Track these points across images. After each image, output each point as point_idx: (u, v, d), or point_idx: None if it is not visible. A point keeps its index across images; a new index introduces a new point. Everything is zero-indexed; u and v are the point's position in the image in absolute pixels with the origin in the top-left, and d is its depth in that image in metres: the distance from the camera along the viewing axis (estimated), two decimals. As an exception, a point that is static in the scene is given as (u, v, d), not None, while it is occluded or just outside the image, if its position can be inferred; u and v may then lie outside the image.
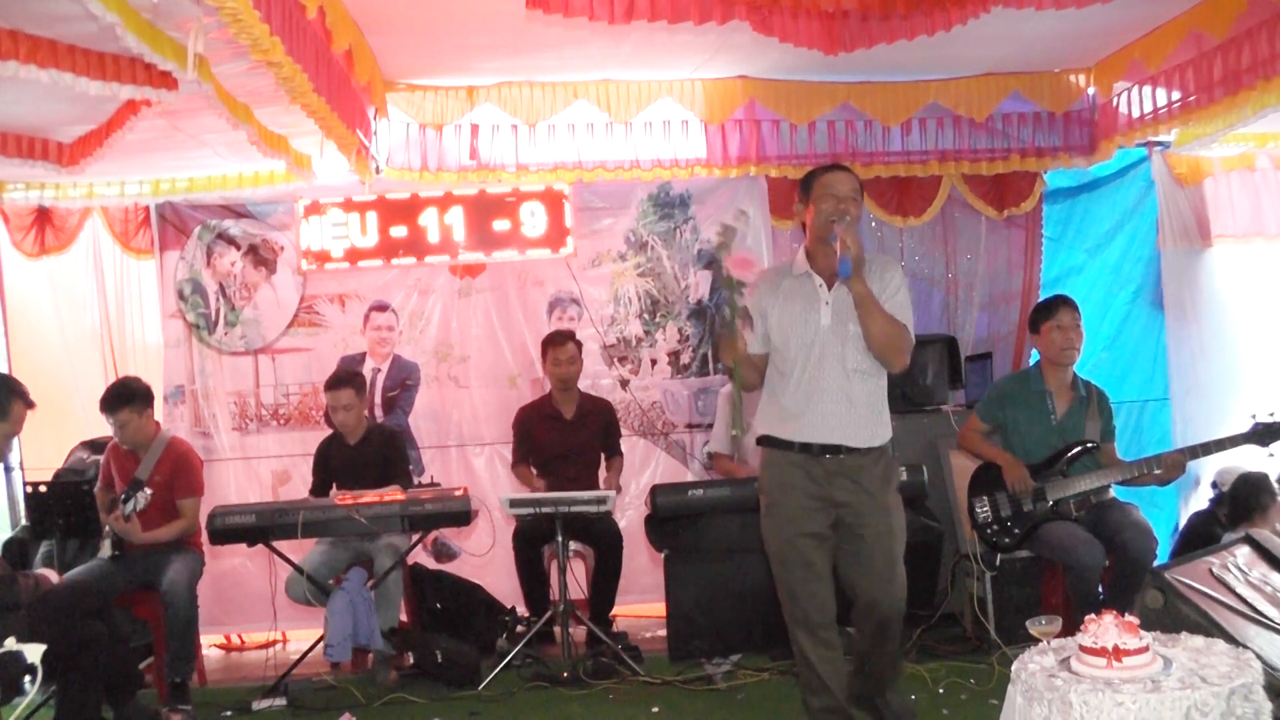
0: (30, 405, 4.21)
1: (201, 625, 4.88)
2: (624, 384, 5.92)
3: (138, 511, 4.65)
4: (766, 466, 3.44)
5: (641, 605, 5.76)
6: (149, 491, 4.68)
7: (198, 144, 4.86)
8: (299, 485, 5.44)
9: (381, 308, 5.89)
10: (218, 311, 5.81)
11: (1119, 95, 5.54)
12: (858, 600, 3.39)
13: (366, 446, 5.17)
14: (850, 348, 3.31)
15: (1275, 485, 4.74)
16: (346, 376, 5.23)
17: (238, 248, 5.81)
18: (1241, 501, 4.70)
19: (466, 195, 5.77)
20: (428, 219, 5.79)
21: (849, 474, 3.31)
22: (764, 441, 3.43)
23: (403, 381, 5.88)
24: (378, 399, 5.82)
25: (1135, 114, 5.46)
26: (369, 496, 4.75)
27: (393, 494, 4.81)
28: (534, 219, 5.81)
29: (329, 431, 5.38)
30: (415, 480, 5.46)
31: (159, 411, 5.25)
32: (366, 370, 5.76)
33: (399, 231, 5.78)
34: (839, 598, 3.40)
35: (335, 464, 5.19)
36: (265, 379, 5.82)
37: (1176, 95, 5.14)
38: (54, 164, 4.71)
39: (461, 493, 4.80)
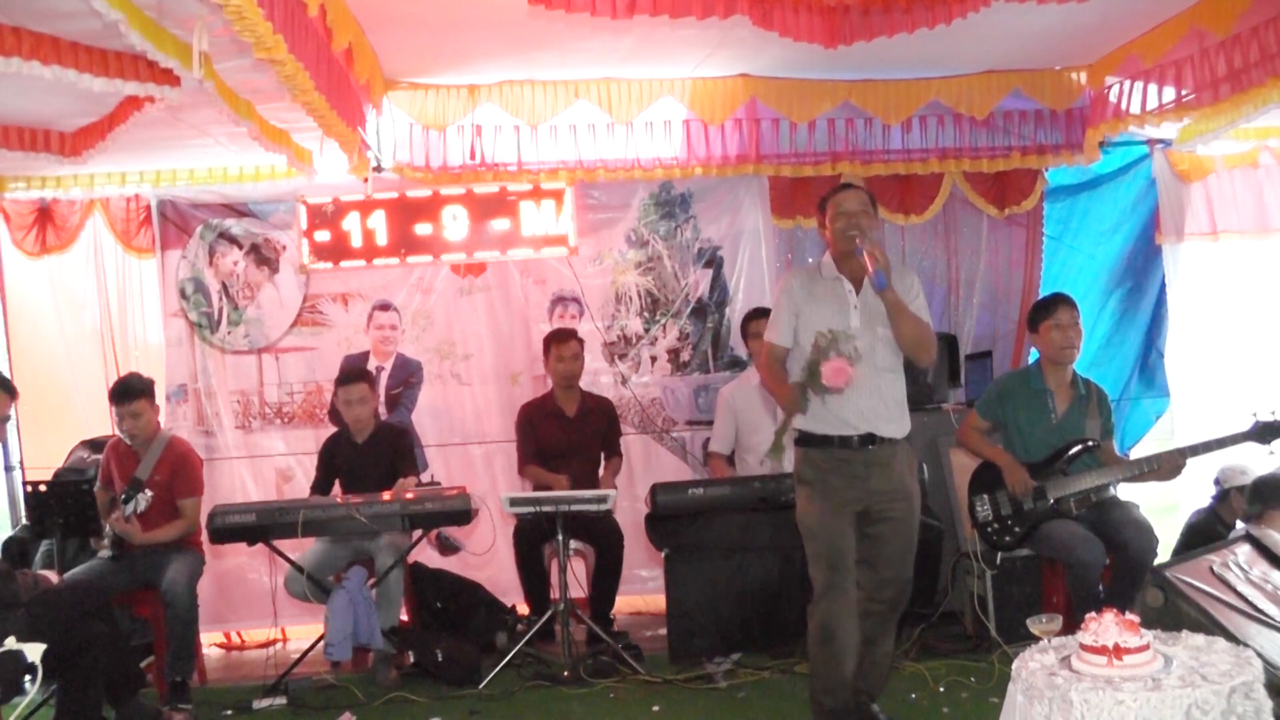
0: (14, 395, 4.30)
1: (203, 621, 4.88)
2: (623, 381, 5.93)
3: (138, 513, 4.64)
4: (806, 461, 3.64)
5: (636, 598, 5.83)
6: (150, 494, 4.68)
7: (199, 134, 4.86)
8: (303, 483, 5.45)
9: (384, 307, 5.90)
10: (221, 310, 5.81)
11: (1109, 88, 5.53)
12: (872, 578, 3.62)
13: (374, 445, 5.17)
14: (880, 347, 3.58)
15: None
16: (359, 372, 5.25)
17: (240, 247, 5.81)
18: (1262, 498, 4.64)
19: (468, 194, 5.77)
20: (428, 218, 5.78)
21: (883, 462, 3.57)
22: (804, 440, 3.62)
23: (406, 379, 5.89)
24: (381, 397, 5.82)
25: (1135, 110, 5.46)
26: (384, 496, 4.77)
27: (400, 492, 4.82)
28: (535, 218, 5.81)
29: (333, 429, 5.38)
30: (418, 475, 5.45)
31: (161, 411, 5.25)
32: (369, 368, 5.76)
33: (400, 230, 5.77)
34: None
35: (341, 462, 5.19)
36: (269, 377, 5.83)
37: (1174, 92, 5.13)
38: (56, 154, 4.71)
39: (462, 491, 4.80)
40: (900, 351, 3.62)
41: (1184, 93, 5.07)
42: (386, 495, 4.78)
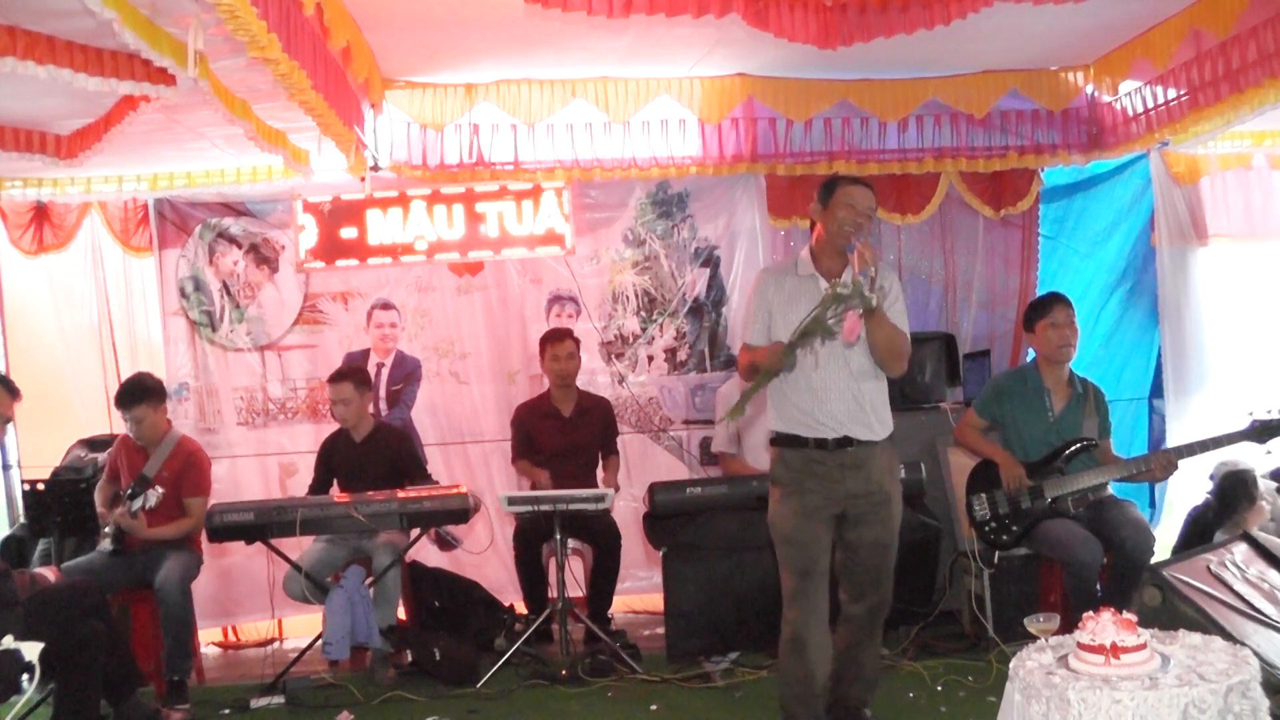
0: (17, 396, 4.27)
1: (205, 615, 4.87)
2: (620, 380, 5.93)
3: (146, 509, 4.63)
4: (780, 461, 3.55)
5: (634, 597, 5.84)
6: (160, 490, 4.66)
7: (196, 136, 4.85)
8: (306, 477, 5.44)
9: (384, 305, 5.90)
10: (222, 309, 5.82)
11: (1126, 95, 5.52)
12: (850, 587, 3.57)
13: (372, 445, 5.17)
14: (855, 350, 3.43)
15: (1260, 480, 4.73)
16: (347, 371, 5.26)
17: (239, 246, 5.81)
18: (1229, 497, 4.70)
19: (465, 193, 5.77)
20: (426, 216, 5.78)
21: (859, 464, 3.46)
22: (779, 440, 3.55)
23: (406, 376, 5.90)
24: (382, 393, 5.84)
25: (1135, 111, 5.45)
26: (379, 496, 4.76)
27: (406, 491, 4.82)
28: (532, 217, 5.81)
29: (337, 426, 5.38)
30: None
31: (162, 409, 5.26)
32: (370, 366, 5.78)
33: (398, 229, 5.77)
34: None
35: (338, 461, 5.20)
36: (272, 374, 5.85)
37: (1176, 93, 5.13)
38: (52, 157, 4.69)
39: (461, 490, 4.80)
40: None
41: (1183, 93, 5.07)
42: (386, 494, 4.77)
